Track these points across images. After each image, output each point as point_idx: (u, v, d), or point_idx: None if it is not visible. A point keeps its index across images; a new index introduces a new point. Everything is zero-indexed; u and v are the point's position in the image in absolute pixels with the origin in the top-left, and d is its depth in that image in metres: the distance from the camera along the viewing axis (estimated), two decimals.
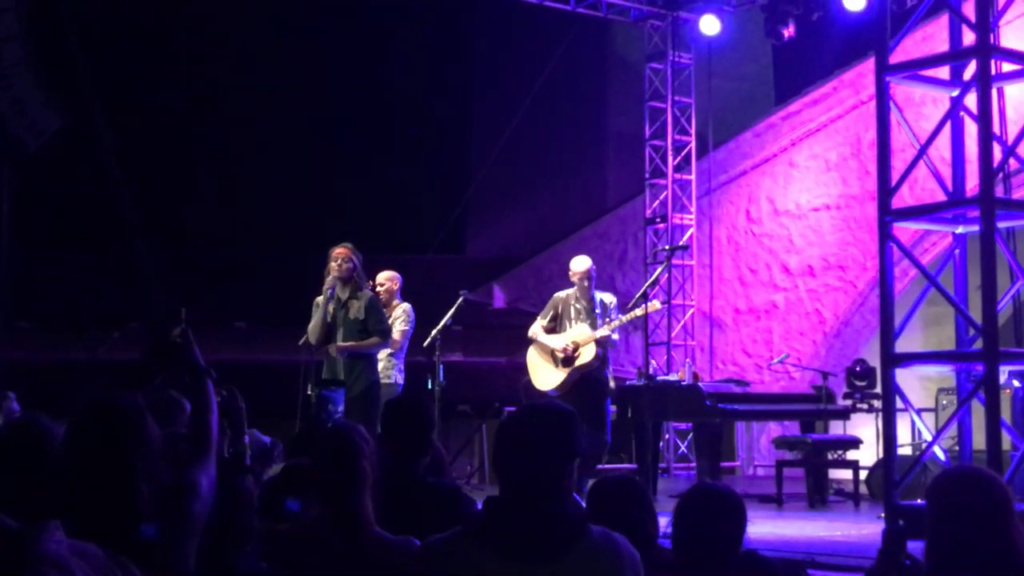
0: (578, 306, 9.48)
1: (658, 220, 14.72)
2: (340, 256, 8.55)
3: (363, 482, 3.44)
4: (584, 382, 9.34)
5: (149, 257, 13.68)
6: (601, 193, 16.91)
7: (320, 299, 8.58)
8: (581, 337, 9.35)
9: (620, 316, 9.53)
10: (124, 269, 14.17)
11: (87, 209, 14.65)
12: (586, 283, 9.46)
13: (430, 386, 9.40)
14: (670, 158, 14.62)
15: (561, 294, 9.67)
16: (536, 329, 9.59)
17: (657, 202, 14.78)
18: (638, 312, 9.78)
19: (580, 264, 9.60)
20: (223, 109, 15.64)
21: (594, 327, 9.35)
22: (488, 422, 13.15)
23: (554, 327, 9.55)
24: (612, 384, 9.75)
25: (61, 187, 14.53)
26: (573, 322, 9.45)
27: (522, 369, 9.87)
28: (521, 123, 14.30)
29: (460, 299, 9.73)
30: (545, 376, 9.48)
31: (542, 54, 14.41)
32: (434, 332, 9.43)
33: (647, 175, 14.86)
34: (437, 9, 15.88)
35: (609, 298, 9.70)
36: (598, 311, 9.45)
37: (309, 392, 8.45)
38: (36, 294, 14.30)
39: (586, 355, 9.35)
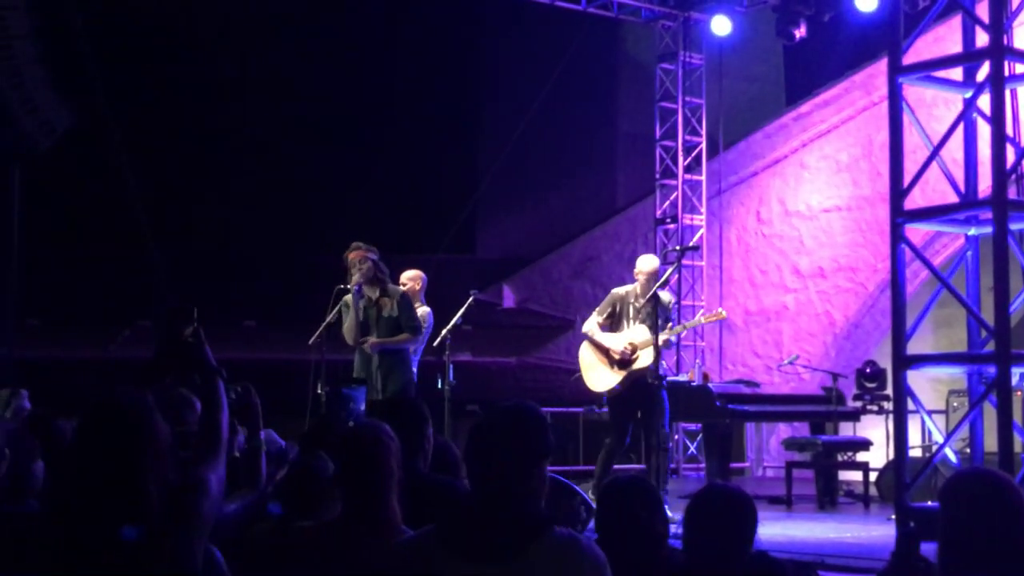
0: (637, 305, 8.97)
1: (668, 221, 14.70)
2: (356, 260, 8.54)
3: (390, 481, 3.42)
4: (636, 386, 8.88)
5: (159, 255, 13.70)
6: (611, 193, 16.90)
7: (349, 298, 8.56)
8: (640, 339, 8.88)
9: (684, 323, 9.23)
10: (134, 267, 14.20)
11: (97, 207, 14.68)
12: (651, 284, 8.95)
13: (440, 386, 9.37)
14: (680, 158, 14.61)
15: (620, 291, 9.16)
16: (592, 326, 9.12)
17: (667, 203, 14.77)
18: (703, 320, 9.79)
19: (648, 263, 9.11)
20: (233, 108, 15.66)
21: (653, 329, 8.80)
22: None
23: (611, 324, 9.09)
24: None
25: (72, 185, 14.56)
26: (631, 322, 8.97)
27: (531, 369, 9.83)
28: (531, 123, 14.30)
29: (470, 299, 9.69)
30: (598, 377, 9.07)
31: (553, 54, 14.40)
32: (444, 332, 9.41)
33: (657, 175, 14.85)
34: (448, 9, 15.89)
35: (667, 296, 9.18)
36: (658, 311, 8.91)
37: (319, 391, 8.44)
38: (46, 292, 14.33)
39: (644, 359, 8.85)
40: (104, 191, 14.30)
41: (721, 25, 14.10)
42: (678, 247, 12.78)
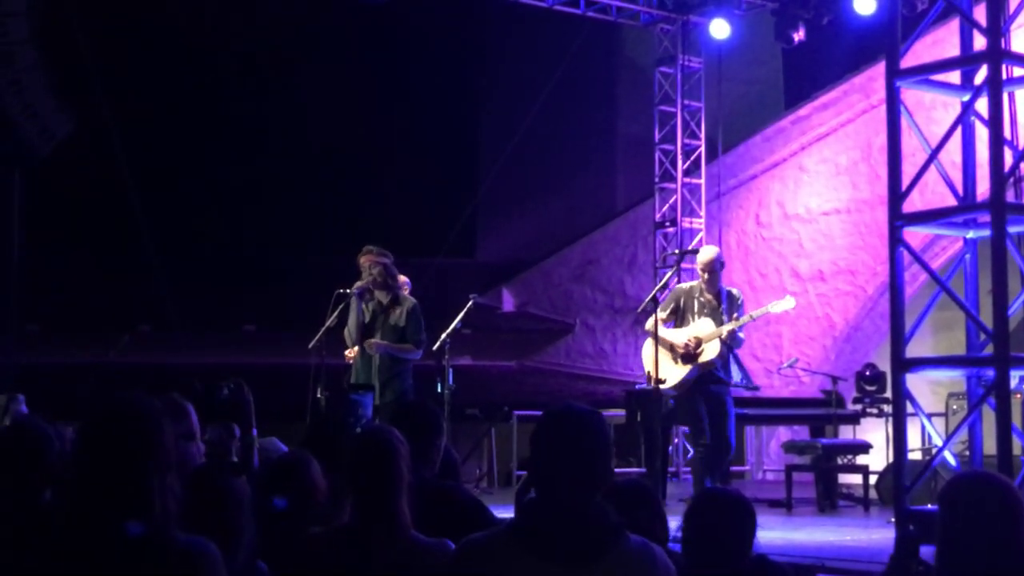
0: (702, 299, 8.65)
1: (667, 224, 14.72)
2: (366, 264, 8.56)
3: (400, 485, 3.43)
4: (704, 381, 8.62)
5: (159, 260, 13.71)
6: (611, 197, 16.92)
7: (354, 300, 8.59)
8: (704, 332, 8.61)
9: (751, 312, 8.80)
10: (134, 272, 14.21)
11: (97, 212, 14.69)
12: (706, 275, 8.65)
13: (439, 390, 9.38)
14: (680, 162, 14.61)
15: (684, 286, 8.86)
16: (653, 323, 8.78)
17: (667, 206, 14.78)
18: (772, 309, 9.09)
19: (703, 254, 8.86)
20: (235, 113, 15.67)
21: (719, 323, 8.58)
22: (497, 426, 13.14)
23: (675, 321, 8.80)
24: (737, 379, 8.86)
25: (72, 191, 14.57)
26: (696, 316, 8.66)
27: (531, 373, 9.80)
28: (531, 127, 14.32)
29: (470, 303, 9.70)
30: (663, 373, 8.63)
31: (552, 58, 14.42)
32: (444, 336, 9.42)
33: (657, 179, 14.86)
34: (448, 14, 15.91)
35: (737, 292, 8.91)
36: (724, 305, 8.64)
37: (319, 395, 8.45)
38: (47, 297, 14.34)
39: (709, 352, 8.59)
40: (104, 196, 14.31)
41: (720, 28, 14.11)
42: (677, 250, 12.81)
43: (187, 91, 15.55)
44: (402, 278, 9.42)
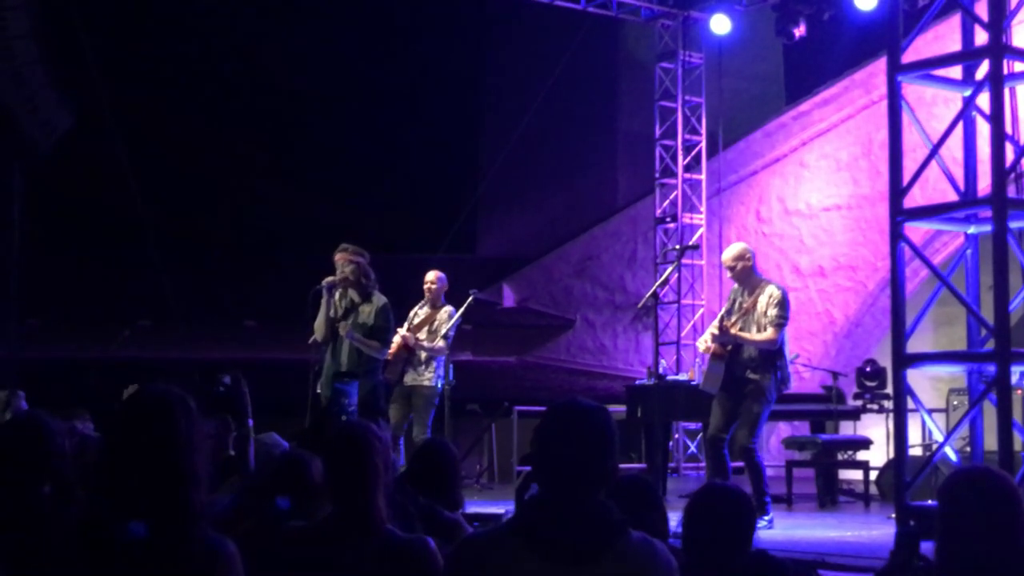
0: (741, 299, 8.29)
1: (668, 220, 14.71)
2: (340, 262, 8.59)
3: (376, 480, 3.43)
4: (735, 381, 8.20)
5: (160, 255, 13.71)
6: (611, 193, 16.91)
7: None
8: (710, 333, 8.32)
9: (711, 327, 8.31)
10: (134, 267, 14.21)
11: (98, 207, 14.69)
12: (744, 274, 8.23)
13: (440, 385, 9.39)
14: (680, 158, 14.61)
15: (736, 287, 8.40)
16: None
17: (667, 202, 14.78)
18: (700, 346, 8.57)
19: (725, 254, 8.46)
20: (236, 108, 15.68)
21: (746, 326, 8.13)
22: (497, 421, 13.15)
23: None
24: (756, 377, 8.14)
25: (72, 185, 14.57)
26: (739, 319, 8.22)
27: (531, 368, 9.78)
28: (532, 122, 14.31)
29: (470, 298, 9.70)
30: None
31: (553, 53, 14.41)
32: (444, 330, 9.43)
33: (657, 175, 14.86)
34: (448, 9, 15.89)
35: (772, 290, 8.19)
36: (758, 309, 8.15)
37: (319, 390, 8.46)
38: (47, 292, 14.34)
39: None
40: (104, 191, 14.31)
41: (720, 24, 14.10)
42: (678, 246, 12.81)
43: (188, 86, 15.55)
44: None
